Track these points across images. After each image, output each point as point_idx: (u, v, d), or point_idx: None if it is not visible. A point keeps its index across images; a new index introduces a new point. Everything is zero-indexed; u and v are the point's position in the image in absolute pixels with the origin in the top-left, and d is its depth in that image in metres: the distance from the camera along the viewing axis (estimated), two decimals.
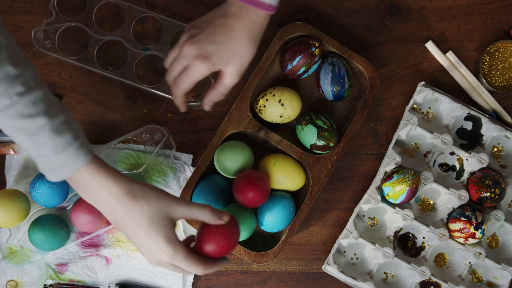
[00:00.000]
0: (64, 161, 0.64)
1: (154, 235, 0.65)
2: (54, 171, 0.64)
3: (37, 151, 0.63)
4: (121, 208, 0.65)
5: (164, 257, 0.65)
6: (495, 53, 0.89)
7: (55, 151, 0.63)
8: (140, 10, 0.88)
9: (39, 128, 0.61)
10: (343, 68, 0.85)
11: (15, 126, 0.61)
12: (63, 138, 0.63)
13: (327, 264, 0.86)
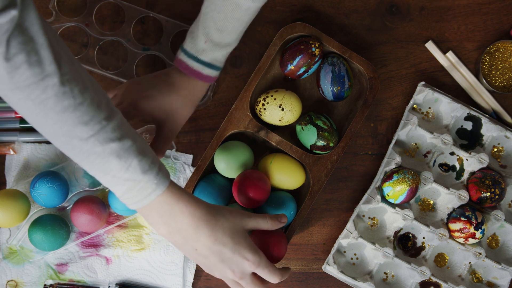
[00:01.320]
0: (149, 181, 0.62)
1: (239, 248, 0.66)
2: (140, 195, 0.62)
3: (124, 176, 0.61)
4: (205, 230, 0.65)
5: (250, 266, 0.67)
6: (495, 53, 0.89)
7: (142, 171, 0.61)
8: (140, 10, 0.88)
9: (127, 149, 0.60)
10: (343, 68, 0.85)
11: (105, 150, 0.59)
12: (147, 158, 0.62)
13: (327, 264, 0.86)
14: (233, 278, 0.67)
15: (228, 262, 0.66)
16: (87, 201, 0.84)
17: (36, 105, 0.55)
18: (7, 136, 0.88)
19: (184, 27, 0.88)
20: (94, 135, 0.58)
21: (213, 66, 0.77)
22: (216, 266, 0.67)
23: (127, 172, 0.60)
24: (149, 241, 0.87)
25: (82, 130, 0.57)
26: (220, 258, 0.66)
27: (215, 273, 0.68)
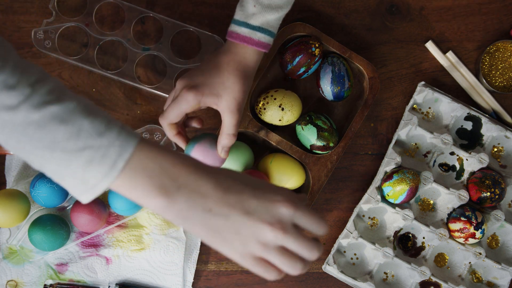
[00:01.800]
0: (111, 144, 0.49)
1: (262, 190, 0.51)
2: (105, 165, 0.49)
3: (77, 144, 0.48)
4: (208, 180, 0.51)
5: (288, 209, 0.50)
6: (495, 53, 0.89)
7: (98, 134, 0.49)
8: (140, 10, 0.88)
9: (72, 110, 0.48)
10: (343, 68, 0.85)
11: (44, 116, 0.47)
12: (101, 118, 0.49)
13: (327, 264, 0.86)
14: (273, 235, 0.49)
15: (258, 212, 0.50)
16: None
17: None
18: None
19: (184, 27, 0.88)
20: (25, 100, 0.47)
21: (265, 30, 0.72)
22: (244, 225, 0.49)
23: (79, 139, 0.48)
24: (149, 241, 0.87)
25: (9, 96, 0.46)
26: (245, 210, 0.50)
27: (250, 243, 0.50)
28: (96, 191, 0.50)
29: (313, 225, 0.51)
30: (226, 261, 0.89)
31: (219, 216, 0.50)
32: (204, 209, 0.50)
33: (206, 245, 0.89)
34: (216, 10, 0.90)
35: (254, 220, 0.49)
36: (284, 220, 0.50)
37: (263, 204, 0.50)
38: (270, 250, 0.50)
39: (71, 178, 0.49)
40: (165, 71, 0.88)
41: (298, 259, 0.51)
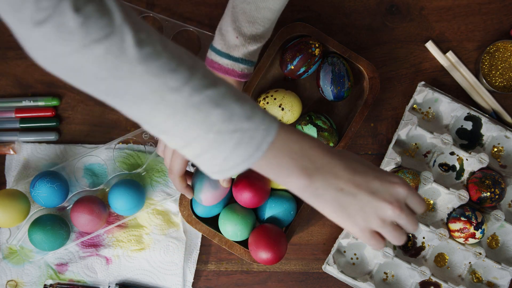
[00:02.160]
0: (258, 128, 0.53)
1: (381, 174, 0.58)
2: (251, 147, 0.53)
3: (229, 127, 0.52)
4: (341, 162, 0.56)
5: (403, 190, 0.57)
6: (495, 53, 0.89)
7: (247, 118, 0.52)
8: (140, 10, 0.88)
9: (224, 95, 0.52)
10: (343, 68, 0.85)
11: (203, 99, 0.51)
12: (247, 103, 0.53)
13: (327, 264, 0.86)
14: (392, 213, 0.56)
15: (380, 192, 0.56)
16: (87, 201, 0.84)
17: (117, 57, 0.48)
18: (7, 136, 0.88)
19: (184, 27, 0.88)
20: (187, 82, 0.50)
21: (248, 61, 0.73)
22: (370, 203, 0.56)
23: (231, 122, 0.52)
24: (149, 241, 0.87)
25: (172, 78, 0.50)
26: (370, 190, 0.56)
27: (371, 218, 0.57)
28: (234, 171, 0.54)
29: (419, 205, 0.59)
30: (226, 261, 0.89)
31: (348, 194, 0.56)
32: (336, 188, 0.56)
33: (206, 245, 0.89)
34: (216, 10, 0.90)
35: (377, 199, 0.56)
36: (400, 200, 0.57)
37: (384, 185, 0.57)
38: (386, 225, 0.57)
39: (212, 158, 0.54)
40: None
41: (404, 232, 0.59)
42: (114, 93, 0.51)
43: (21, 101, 0.88)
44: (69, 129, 0.90)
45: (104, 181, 0.88)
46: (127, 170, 0.88)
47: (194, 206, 0.83)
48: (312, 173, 0.56)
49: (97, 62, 0.48)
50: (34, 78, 0.89)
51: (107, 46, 0.48)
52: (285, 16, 0.90)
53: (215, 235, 0.83)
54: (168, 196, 0.88)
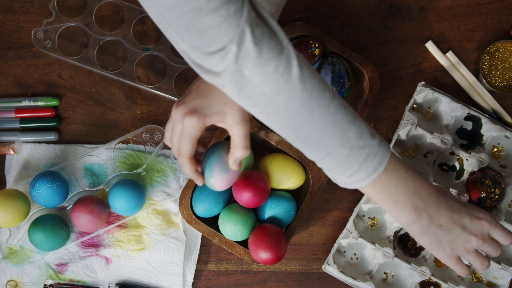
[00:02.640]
0: (378, 145, 0.61)
1: (471, 210, 0.68)
2: (375, 163, 0.61)
3: (359, 143, 0.60)
4: (443, 200, 0.66)
5: (487, 224, 0.68)
6: (495, 53, 0.89)
7: (372, 136, 0.61)
8: (140, 10, 0.88)
9: (355, 114, 0.60)
10: (343, 68, 0.85)
11: (343, 117, 0.59)
12: (366, 123, 0.61)
13: (327, 264, 0.86)
14: (476, 244, 0.67)
15: (469, 228, 0.67)
16: (87, 201, 0.84)
17: (283, 76, 0.55)
18: (7, 136, 0.88)
19: None
20: (332, 101, 0.58)
21: None
22: (460, 236, 0.67)
23: (361, 139, 0.59)
24: (149, 241, 0.87)
25: (323, 97, 0.57)
26: (462, 226, 0.66)
27: (458, 248, 0.67)
28: (359, 184, 0.63)
29: (502, 237, 0.69)
30: (226, 261, 0.89)
31: (446, 230, 0.66)
32: (437, 225, 0.66)
33: (206, 245, 0.89)
34: None
35: (466, 233, 0.67)
36: (484, 233, 0.68)
37: (473, 221, 0.67)
38: (469, 252, 0.68)
39: (343, 171, 0.61)
40: (165, 71, 0.88)
41: (486, 259, 0.69)
42: (272, 109, 0.58)
43: (21, 101, 0.88)
44: (69, 129, 0.90)
45: (104, 181, 0.88)
46: (127, 170, 0.88)
47: (194, 206, 0.83)
48: (421, 212, 0.65)
49: (266, 80, 0.55)
50: (34, 78, 0.89)
51: (277, 65, 0.55)
52: (285, 16, 0.90)
53: (215, 235, 0.83)
54: (168, 196, 0.88)
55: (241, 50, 0.53)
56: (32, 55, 0.89)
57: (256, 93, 0.56)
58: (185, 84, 0.89)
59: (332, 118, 0.58)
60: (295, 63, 0.56)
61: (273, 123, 0.60)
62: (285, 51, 0.55)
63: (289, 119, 0.58)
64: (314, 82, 0.57)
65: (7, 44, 0.89)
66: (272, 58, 0.55)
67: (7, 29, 0.89)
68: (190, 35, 0.53)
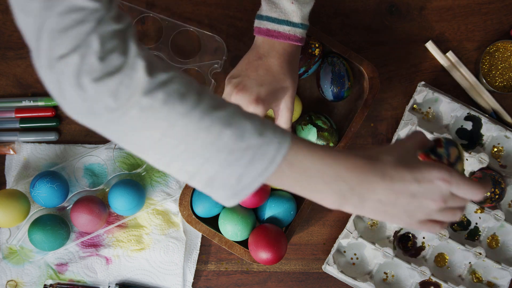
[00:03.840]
0: (270, 142, 0.53)
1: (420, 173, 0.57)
2: (264, 162, 0.53)
3: (241, 145, 0.52)
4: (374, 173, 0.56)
5: (445, 183, 0.57)
6: (495, 53, 0.89)
7: (259, 134, 0.53)
8: (140, 10, 0.88)
9: (233, 114, 0.53)
10: (343, 68, 0.85)
11: (213, 121, 0.51)
12: (256, 119, 0.54)
13: (327, 264, 0.86)
14: (436, 206, 0.57)
15: (420, 194, 0.57)
16: (87, 201, 0.84)
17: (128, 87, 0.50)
18: (7, 136, 0.88)
19: (184, 27, 0.88)
20: (196, 106, 0.51)
21: (304, 25, 0.74)
22: (411, 205, 0.57)
23: (243, 140, 0.52)
24: (149, 241, 0.87)
25: (182, 104, 0.50)
26: (409, 194, 0.57)
27: (416, 215, 0.58)
28: (249, 190, 0.54)
29: (467, 193, 0.59)
30: (226, 261, 0.89)
31: (387, 204, 0.57)
32: (374, 200, 0.57)
33: (206, 245, 0.89)
34: (216, 10, 0.90)
35: (418, 200, 0.57)
36: (443, 194, 0.57)
37: (423, 186, 0.57)
38: (433, 214, 0.58)
39: (226, 179, 0.53)
40: None
41: (457, 210, 0.60)
42: (125, 124, 0.51)
43: (21, 101, 0.88)
44: (69, 129, 0.90)
45: (104, 181, 0.88)
46: (127, 170, 0.88)
47: (194, 206, 0.83)
48: (347, 194, 0.56)
49: (112, 95, 0.49)
50: (34, 78, 0.89)
51: (121, 78, 0.49)
52: None
53: (215, 235, 0.83)
54: (168, 196, 0.88)
55: (83, 63, 0.48)
56: None
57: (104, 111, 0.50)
58: None
59: (198, 125, 0.51)
60: (140, 73, 0.49)
61: (133, 141, 0.53)
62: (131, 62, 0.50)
63: (147, 133, 0.51)
64: (171, 89, 0.50)
65: (7, 44, 0.89)
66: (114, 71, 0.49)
67: (7, 29, 0.89)
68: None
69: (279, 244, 0.79)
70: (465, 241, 0.87)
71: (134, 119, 0.50)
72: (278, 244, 0.79)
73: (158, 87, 0.50)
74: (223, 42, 0.88)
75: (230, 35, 0.90)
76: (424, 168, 0.58)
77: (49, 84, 0.50)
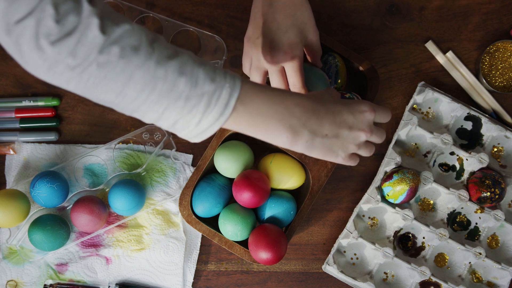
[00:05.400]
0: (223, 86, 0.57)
1: (352, 107, 0.65)
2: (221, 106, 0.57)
3: (197, 92, 0.56)
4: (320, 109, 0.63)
5: (371, 114, 0.66)
6: (495, 53, 0.89)
7: (211, 79, 0.56)
8: (140, 10, 0.88)
9: (186, 62, 0.56)
10: (333, 69, 0.84)
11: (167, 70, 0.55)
12: (208, 66, 0.57)
13: (327, 264, 0.86)
14: (366, 136, 0.65)
15: (356, 125, 0.65)
16: (87, 201, 0.84)
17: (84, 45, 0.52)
18: (7, 136, 0.88)
19: (184, 27, 0.88)
20: (149, 57, 0.54)
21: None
22: (349, 136, 0.64)
23: (197, 87, 0.56)
24: (149, 241, 0.87)
25: (136, 56, 0.54)
26: (348, 125, 0.64)
27: (349, 147, 0.65)
28: (210, 131, 0.59)
29: (384, 117, 0.68)
30: (226, 261, 0.89)
31: (332, 137, 0.64)
32: (322, 135, 0.63)
33: (206, 245, 0.89)
34: (216, 10, 0.90)
35: (355, 131, 0.65)
36: (370, 124, 0.66)
37: (357, 117, 0.65)
38: (361, 147, 0.67)
39: (186, 124, 0.58)
40: None
41: (373, 145, 0.69)
42: (86, 80, 0.54)
43: (21, 101, 0.88)
44: (69, 129, 0.90)
45: (104, 181, 0.88)
46: (127, 170, 0.88)
47: (194, 206, 0.83)
48: (299, 130, 0.61)
49: (71, 54, 0.52)
50: (34, 78, 0.89)
51: (77, 38, 0.51)
52: None
53: (215, 235, 0.83)
54: (168, 196, 0.88)
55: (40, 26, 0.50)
56: None
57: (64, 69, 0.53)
58: None
59: (154, 75, 0.54)
60: (95, 31, 0.52)
61: (96, 95, 0.56)
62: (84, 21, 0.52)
63: (108, 86, 0.54)
64: (124, 43, 0.53)
65: None
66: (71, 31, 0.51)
67: None
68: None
69: (279, 244, 0.79)
70: (465, 241, 0.88)
71: (94, 75, 0.53)
72: (278, 244, 0.79)
73: (112, 43, 0.53)
74: (223, 42, 0.88)
75: (230, 35, 0.90)
76: (354, 103, 0.66)
77: (9, 48, 0.53)
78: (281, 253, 0.79)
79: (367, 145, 0.68)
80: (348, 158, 0.67)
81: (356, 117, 0.65)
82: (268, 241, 0.79)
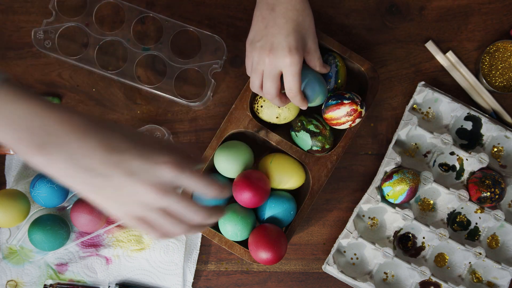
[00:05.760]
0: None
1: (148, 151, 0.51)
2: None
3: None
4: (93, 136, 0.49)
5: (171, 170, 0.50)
6: (495, 53, 0.89)
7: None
8: (140, 10, 0.88)
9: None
10: (333, 70, 0.84)
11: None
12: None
13: (327, 264, 0.86)
14: (154, 197, 0.50)
15: (139, 174, 0.49)
16: (87, 201, 0.84)
17: None
18: None
19: (184, 27, 0.88)
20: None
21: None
22: (125, 187, 0.49)
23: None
24: (149, 241, 0.87)
25: None
26: (127, 171, 0.49)
27: (128, 203, 0.50)
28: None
29: (200, 188, 0.51)
30: (226, 261, 0.89)
31: (99, 175, 0.49)
32: (85, 168, 0.48)
33: (206, 245, 0.89)
34: (216, 10, 0.90)
35: (134, 181, 0.49)
36: (166, 182, 0.50)
37: (145, 165, 0.49)
38: (151, 211, 0.50)
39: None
40: (165, 71, 0.88)
41: (180, 221, 0.51)
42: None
43: None
44: None
45: None
46: None
47: None
48: (51, 151, 0.48)
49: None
50: (34, 78, 0.89)
51: None
52: None
53: (215, 235, 0.83)
54: None
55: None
56: (32, 55, 0.89)
57: None
58: (185, 84, 0.89)
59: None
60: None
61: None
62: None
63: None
64: None
65: (7, 44, 0.89)
66: None
67: (7, 29, 0.89)
68: None
69: (279, 244, 0.79)
70: (465, 241, 0.88)
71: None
72: (278, 244, 0.79)
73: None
74: (223, 42, 0.88)
75: (230, 35, 0.90)
76: (156, 149, 0.50)
77: None
78: (281, 253, 0.79)
79: (165, 215, 0.51)
80: (135, 220, 0.52)
81: (144, 165, 0.49)
82: (268, 241, 0.79)
